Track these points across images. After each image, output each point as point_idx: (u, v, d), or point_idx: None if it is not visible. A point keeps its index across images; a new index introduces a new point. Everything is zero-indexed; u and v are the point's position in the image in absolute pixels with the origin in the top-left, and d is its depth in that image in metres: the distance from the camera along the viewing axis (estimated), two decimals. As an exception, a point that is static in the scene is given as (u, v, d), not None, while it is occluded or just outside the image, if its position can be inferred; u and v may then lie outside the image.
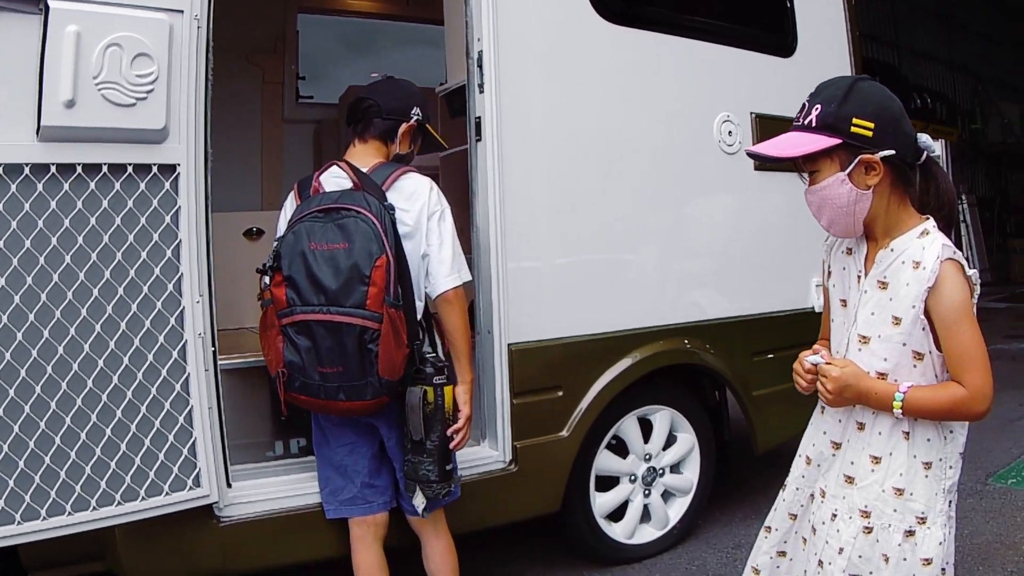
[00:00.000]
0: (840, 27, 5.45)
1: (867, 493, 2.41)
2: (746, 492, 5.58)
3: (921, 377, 2.34)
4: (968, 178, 21.08)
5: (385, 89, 3.59)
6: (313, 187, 3.37)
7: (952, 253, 2.25)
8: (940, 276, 2.24)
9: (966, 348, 2.25)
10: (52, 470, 2.92)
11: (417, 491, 3.33)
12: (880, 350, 2.39)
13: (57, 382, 2.92)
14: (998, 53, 22.54)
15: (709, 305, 4.71)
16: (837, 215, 2.37)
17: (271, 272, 3.20)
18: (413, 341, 3.25)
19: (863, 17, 16.11)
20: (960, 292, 2.24)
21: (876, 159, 2.29)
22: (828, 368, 2.43)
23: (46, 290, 2.89)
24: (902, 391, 2.30)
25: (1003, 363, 10.06)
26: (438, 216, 3.39)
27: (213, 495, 3.25)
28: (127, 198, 3.03)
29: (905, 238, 2.34)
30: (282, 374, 3.19)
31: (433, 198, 3.40)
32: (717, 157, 4.69)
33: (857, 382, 2.38)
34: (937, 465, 2.35)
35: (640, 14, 4.47)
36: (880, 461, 2.40)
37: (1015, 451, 6.56)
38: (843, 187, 2.31)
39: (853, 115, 2.29)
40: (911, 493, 2.35)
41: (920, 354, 2.33)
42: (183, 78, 3.14)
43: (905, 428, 2.36)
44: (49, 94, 2.86)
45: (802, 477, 2.66)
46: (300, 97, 6.56)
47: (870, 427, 2.44)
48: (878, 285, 2.39)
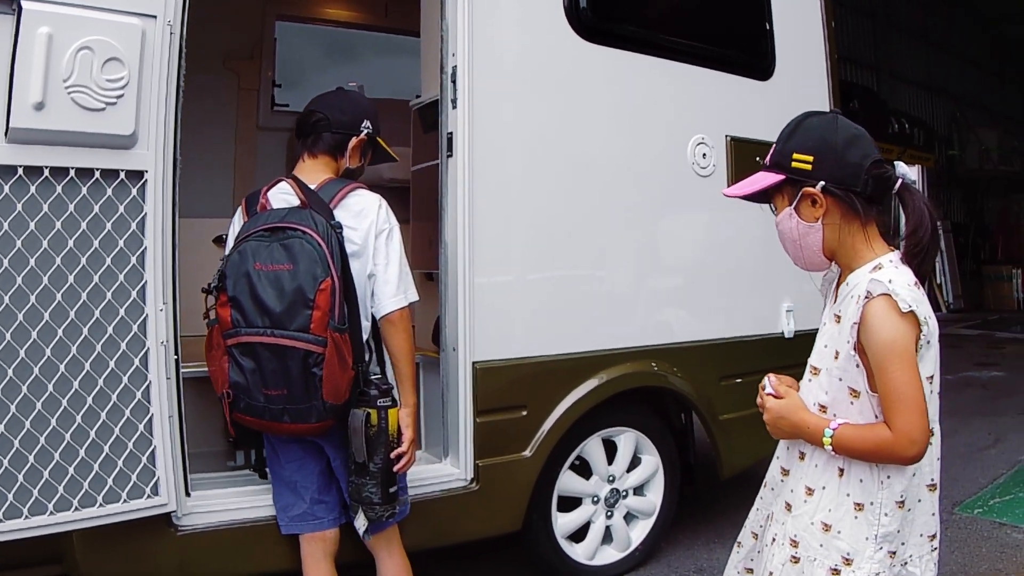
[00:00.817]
0: (819, 50, 5.48)
1: (798, 523, 2.41)
2: (711, 516, 5.58)
3: (859, 415, 2.32)
4: (943, 204, 21.19)
5: (335, 102, 3.56)
6: (260, 203, 3.33)
7: (885, 289, 2.20)
8: (865, 313, 2.22)
9: (892, 389, 2.20)
10: (10, 473, 2.89)
11: (360, 512, 3.31)
12: (824, 383, 2.39)
13: (17, 385, 2.90)
14: (978, 78, 22.70)
15: (678, 328, 4.71)
16: (792, 249, 2.42)
17: (216, 292, 3.17)
18: (359, 363, 3.24)
19: (843, 39, 16.28)
20: (889, 331, 2.19)
21: (817, 192, 2.30)
22: (767, 398, 2.46)
23: (9, 292, 2.87)
24: (832, 427, 2.29)
25: (973, 391, 10.11)
26: (386, 235, 3.35)
27: (171, 504, 3.22)
28: (93, 203, 3.01)
29: (858, 273, 2.33)
30: (227, 395, 3.17)
31: (382, 216, 3.36)
32: (691, 179, 4.70)
33: (791, 414, 2.39)
34: (869, 509, 2.31)
35: (617, 33, 4.47)
36: (813, 493, 2.40)
37: (982, 480, 6.58)
38: (791, 221, 2.36)
39: (794, 150, 2.33)
40: (838, 531, 2.33)
41: (856, 391, 2.32)
42: (154, 84, 3.12)
43: (841, 464, 2.35)
44: (19, 95, 2.85)
45: (761, 498, 2.67)
46: (276, 105, 6.52)
47: (808, 458, 2.43)
48: (834, 318, 2.38)
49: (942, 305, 19.72)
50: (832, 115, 2.39)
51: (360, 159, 3.61)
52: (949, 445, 7.24)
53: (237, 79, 6.16)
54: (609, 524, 4.59)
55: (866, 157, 2.32)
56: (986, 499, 6.13)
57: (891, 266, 2.29)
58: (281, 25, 6.50)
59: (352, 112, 3.53)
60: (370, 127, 3.56)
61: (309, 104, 3.60)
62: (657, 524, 4.77)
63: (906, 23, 19.53)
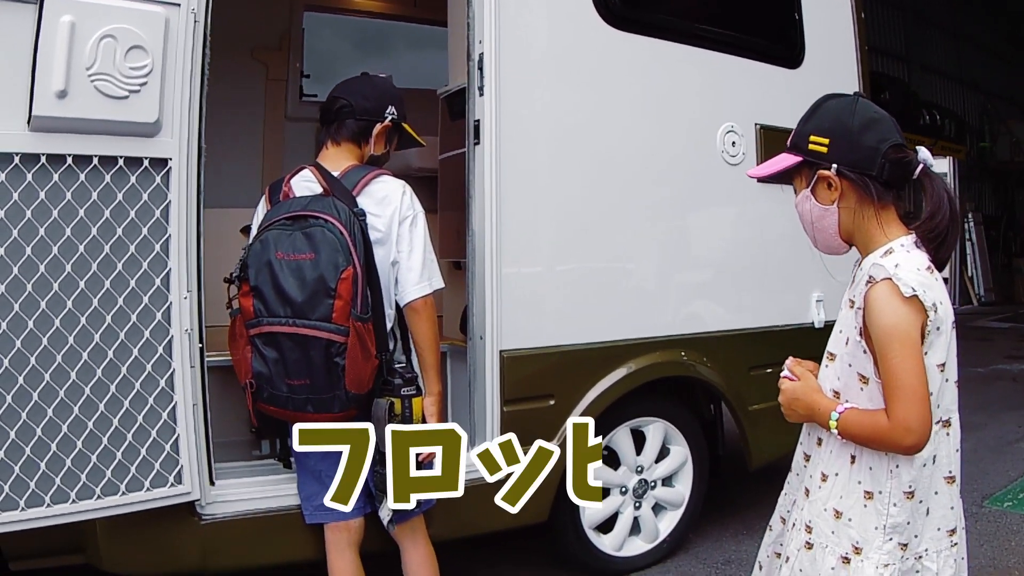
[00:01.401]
0: (848, 40, 5.43)
1: (813, 509, 2.40)
2: (738, 508, 5.54)
3: (868, 402, 2.29)
4: (975, 196, 21.07)
5: (358, 88, 3.52)
6: (283, 192, 3.33)
7: (888, 273, 2.17)
8: (868, 297, 2.20)
9: (892, 376, 2.17)
10: (32, 461, 2.90)
11: (384, 502, 3.28)
12: (838, 369, 2.39)
13: (40, 373, 2.90)
14: (1009, 72, 22.56)
15: (707, 317, 4.68)
16: (809, 231, 2.43)
17: (238, 281, 3.18)
18: (383, 352, 3.22)
19: (874, 31, 16.18)
20: (890, 316, 2.16)
21: (832, 175, 2.29)
22: (782, 380, 2.46)
23: (32, 280, 2.88)
24: (838, 411, 2.28)
25: (1004, 384, 10.04)
26: (409, 221, 3.30)
27: (195, 493, 3.23)
28: (117, 191, 3.00)
29: (870, 257, 2.30)
30: (250, 384, 3.18)
31: (406, 202, 3.32)
32: (720, 167, 4.66)
33: (805, 395, 2.39)
34: (878, 497, 2.28)
35: (645, 20, 4.44)
36: (827, 480, 2.39)
37: (1012, 474, 6.52)
38: (807, 203, 2.36)
39: (811, 132, 2.33)
40: (849, 519, 2.31)
41: (864, 377, 2.30)
42: (178, 72, 3.11)
43: (853, 451, 2.33)
44: (41, 84, 2.85)
45: (789, 483, 2.66)
46: (304, 95, 6.51)
47: (824, 444, 2.42)
48: (848, 303, 2.37)
49: (973, 298, 19.62)
50: (853, 97, 2.37)
51: (385, 146, 3.55)
52: (979, 438, 7.23)
53: (265, 69, 6.16)
54: (637, 515, 4.56)
55: (883, 141, 2.28)
56: (1016, 492, 6.07)
57: (902, 250, 2.26)
58: (309, 15, 6.49)
59: (376, 98, 3.48)
60: (395, 113, 3.50)
61: (333, 90, 3.57)
62: (685, 515, 4.74)
63: (936, 17, 19.44)
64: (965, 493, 5.67)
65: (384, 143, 3.54)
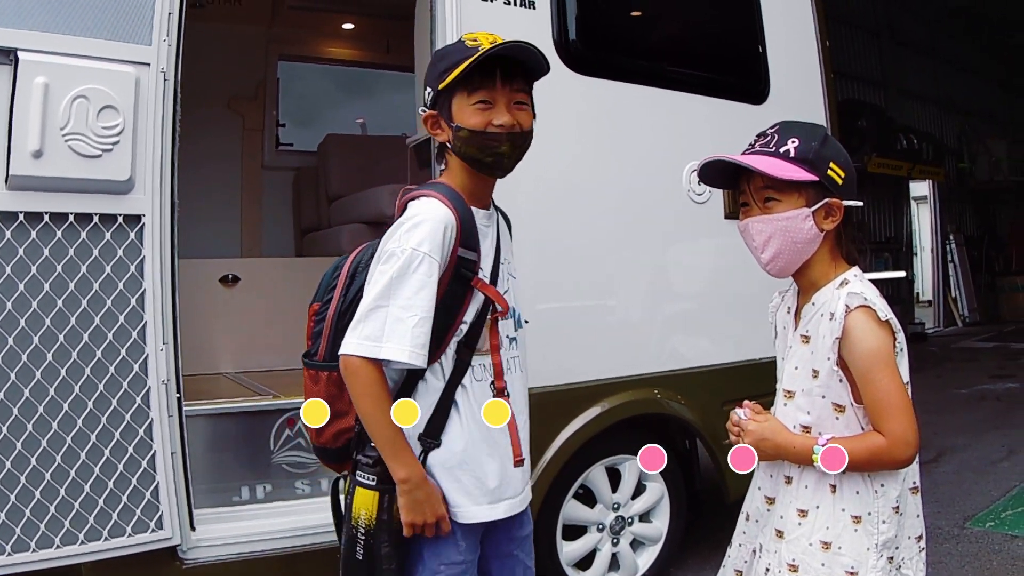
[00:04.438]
0: (814, 69, 5.47)
1: (794, 547, 2.41)
2: (719, 541, 5.55)
3: (845, 429, 2.35)
4: (955, 217, 21.10)
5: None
6: None
7: (862, 301, 2.27)
8: (847, 326, 2.27)
9: (883, 396, 2.25)
10: (17, 508, 2.98)
11: None
12: (804, 404, 2.42)
13: (23, 423, 2.99)
14: (985, 88, 22.57)
15: (680, 354, 4.69)
16: (787, 249, 2.38)
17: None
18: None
19: (849, 57, 16.30)
20: (872, 340, 2.26)
21: (841, 205, 2.36)
22: (746, 422, 2.48)
23: (13, 334, 2.97)
24: (821, 443, 2.31)
25: (988, 404, 10.06)
26: (382, 258, 2.48)
27: (175, 538, 3.29)
28: (93, 247, 3.10)
29: (825, 291, 2.38)
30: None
31: (393, 235, 2.50)
32: (687, 206, 4.71)
33: (774, 436, 2.41)
34: (867, 519, 2.34)
35: (608, 64, 4.49)
36: (807, 515, 2.40)
37: (995, 494, 6.51)
38: (806, 223, 2.34)
39: (831, 159, 2.35)
40: (839, 547, 2.34)
41: (840, 406, 2.35)
42: (149, 130, 3.21)
43: (832, 481, 2.36)
44: (17, 143, 2.95)
45: (743, 533, 2.67)
46: (280, 144, 6.60)
47: (796, 481, 2.44)
48: (801, 339, 2.43)
49: (957, 319, 19.65)
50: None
51: (437, 128, 2.62)
52: (962, 460, 7.28)
53: (241, 119, 6.25)
54: (615, 551, 4.57)
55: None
56: (998, 512, 6.08)
57: (857, 280, 2.35)
58: (284, 65, 6.59)
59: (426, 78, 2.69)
60: (431, 90, 2.60)
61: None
62: (664, 550, 4.75)
63: (911, 38, 19.49)
64: (947, 515, 5.69)
65: (434, 127, 2.63)
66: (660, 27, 5.03)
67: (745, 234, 2.46)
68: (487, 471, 2.59)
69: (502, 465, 2.63)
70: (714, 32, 5.18)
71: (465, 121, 2.52)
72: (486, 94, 2.52)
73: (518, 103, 2.59)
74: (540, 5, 4.22)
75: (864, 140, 14.85)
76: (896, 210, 18.97)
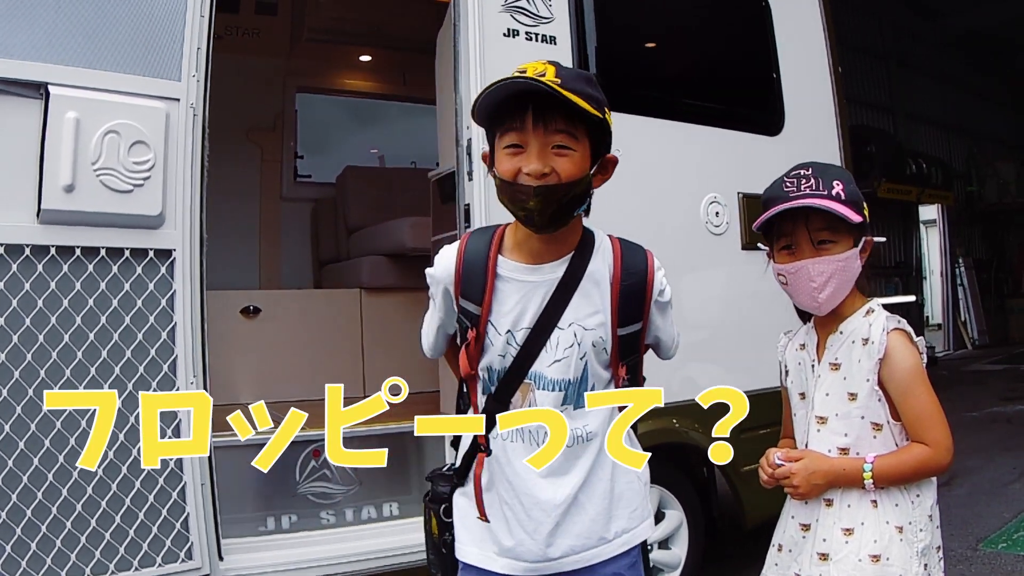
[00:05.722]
0: (828, 97, 5.51)
1: (844, 565, 2.43)
2: (737, 567, 5.58)
3: (882, 447, 2.41)
4: (964, 240, 21.07)
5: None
6: None
7: (897, 323, 2.38)
8: (889, 347, 2.36)
9: (924, 408, 2.35)
10: (48, 538, 3.01)
11: None
12: (839, 427, 2.46)
13: (55, 455, 3.02)
14: (993, 111, 22.56)
15: (698, 384, 4.68)
16: (843, 287, 2.43)
17: None
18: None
19: (858, 84, 16.29)
20: (910, 358, 2.36)
21: (872, 241, 2.46)
22: (789, 466, 2.49)
23: (45, 367, 3.00)
24: (869, 461, 2.37)
25: (999, 425, 10.02)
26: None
27: (205, 567, 3.32)
28: (124, 281, 3.14)
29: (852, 319, 2.45)
30: None
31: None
32: (705, 237, 4.74)
33: (821, 466, 2.44)
34: (908, 528, 2.39)
35: (627, 100, 4.46)
36: (853, 532, 2.43)
37: (1007, 515, 6.50)
38: (856, 262, 2.43)
39: (863, 199, 2.44)
40: (887, 558, 2.38)
41: (879, 425, 2.41)
42: (179, 165, 3.25)
43: (872, 497, 2.40)
44: (49, 178, 2.99)
45: (775, 565, 2.69)
46: (298, 176, 6.64)
47: (838, 502, 2.47)
48: (830, 368, 2.48)
49: (967, 342, 19.61)
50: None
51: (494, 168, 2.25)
52: (974, 482, 7.25)
53: (260, 151, 6.28)
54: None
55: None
56: (1010, 533, 6.07)
57: (879, 309, 2.46)
58: (302, 97, 6.62)
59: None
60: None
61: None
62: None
63: (919, 62, 19.52)
64: (960, 537, 5.68)
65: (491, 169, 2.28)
66: (678, 62, 5.06)
67: (796, 275, 2.47)
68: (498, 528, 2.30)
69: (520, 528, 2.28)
70: (731, 66, 5.21)
71: (499, 167, 2.18)
72: (517, 136, 2.14)
73: (558, 147, 2.15)
74: (561, 42, 4.25)
75: (873, 165, 14.95)
76: (906, 234, 18.97)
